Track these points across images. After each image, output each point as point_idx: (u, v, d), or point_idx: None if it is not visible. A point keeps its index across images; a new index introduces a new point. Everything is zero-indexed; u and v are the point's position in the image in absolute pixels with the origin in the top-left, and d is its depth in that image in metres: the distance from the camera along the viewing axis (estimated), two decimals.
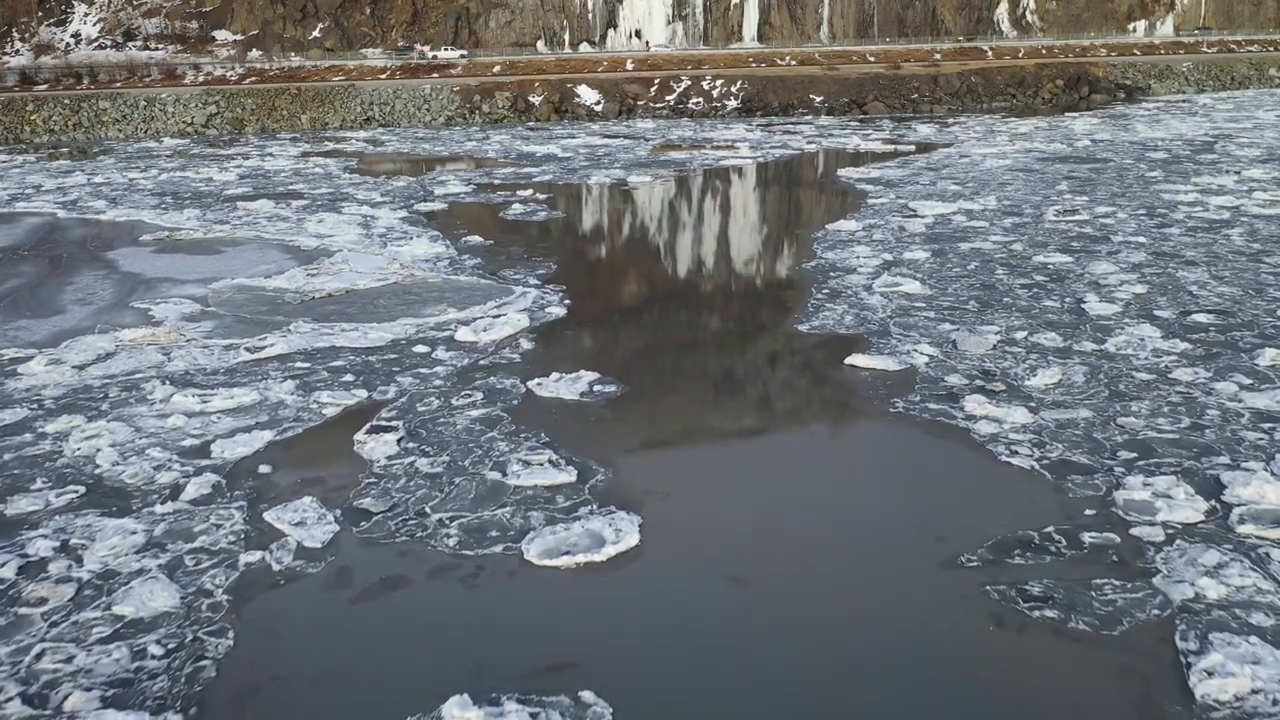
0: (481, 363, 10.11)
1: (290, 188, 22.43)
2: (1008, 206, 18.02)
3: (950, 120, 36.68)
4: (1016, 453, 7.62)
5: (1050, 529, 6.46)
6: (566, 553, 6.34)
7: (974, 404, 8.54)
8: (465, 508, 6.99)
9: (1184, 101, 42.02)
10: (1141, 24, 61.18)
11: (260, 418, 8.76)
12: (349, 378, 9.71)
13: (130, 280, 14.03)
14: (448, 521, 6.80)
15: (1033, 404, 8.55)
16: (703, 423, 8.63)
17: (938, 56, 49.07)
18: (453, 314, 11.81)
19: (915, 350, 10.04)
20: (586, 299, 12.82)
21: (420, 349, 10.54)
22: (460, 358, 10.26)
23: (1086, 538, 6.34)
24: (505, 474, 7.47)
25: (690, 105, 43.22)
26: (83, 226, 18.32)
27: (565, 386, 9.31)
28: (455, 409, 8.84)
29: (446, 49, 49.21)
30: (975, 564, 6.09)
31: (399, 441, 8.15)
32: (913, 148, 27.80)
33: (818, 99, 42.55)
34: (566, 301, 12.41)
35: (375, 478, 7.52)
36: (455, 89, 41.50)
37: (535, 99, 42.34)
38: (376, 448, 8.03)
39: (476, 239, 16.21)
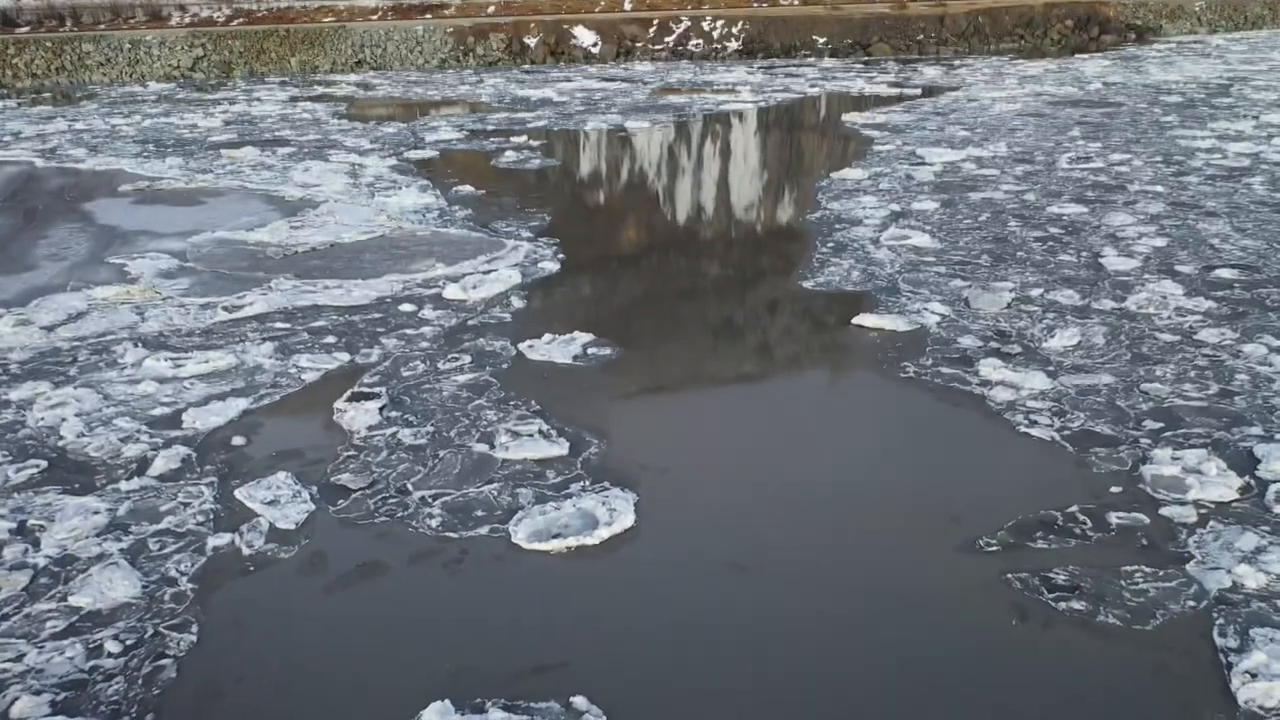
0: (470, 323, 9.63)
1: (277, 134, 21.72)
2: (1019, 153, 17.39)
3: (957, 62, 35.70)
4: (1035, 423, 7.17)
5: (1074, 509, 6.03)
6: (557, 535, 5.92)
7: (989, 368, 8.07)
8: (449, 484, 6.56)
9: (1196, 43, 40.91)
10: None
11: (236, 384, 8.30)
12: (330, 339, 9.23)
13: (107, 234, 13.47)
14: (430, 500, 6.37)
15: (1051, 368, 8.09)
16: (702, 389, 8.17)
17: None
18: (441, 270, 11.29)
19: (926, 309, 9.55)
20: (581, 253, 12.28)
21: (406, 308, 10.05)
22: (448, 317, 9.78)
23: (1113, 519, 5.92)
24: (493, 446, 7.03)
25: (690, 47, 42.12)
26: (60, 176, 17.68)
27: (558, 349, 8.83)
28: (441, 374, 8.37)
29: None
30: (995, 548, 5.67)
31: (381, 410, 7.70)
32: (919, 91, 26.98)
33: (821, 40, 41.45)
34: (560, 256, 11.89)
35: (355, 450, 7.08)
36: (449, 30, 40.38)
37: (530, 41, 41.24)
38: (357, 417, 7.58)
39: (468, 188, 15.61)
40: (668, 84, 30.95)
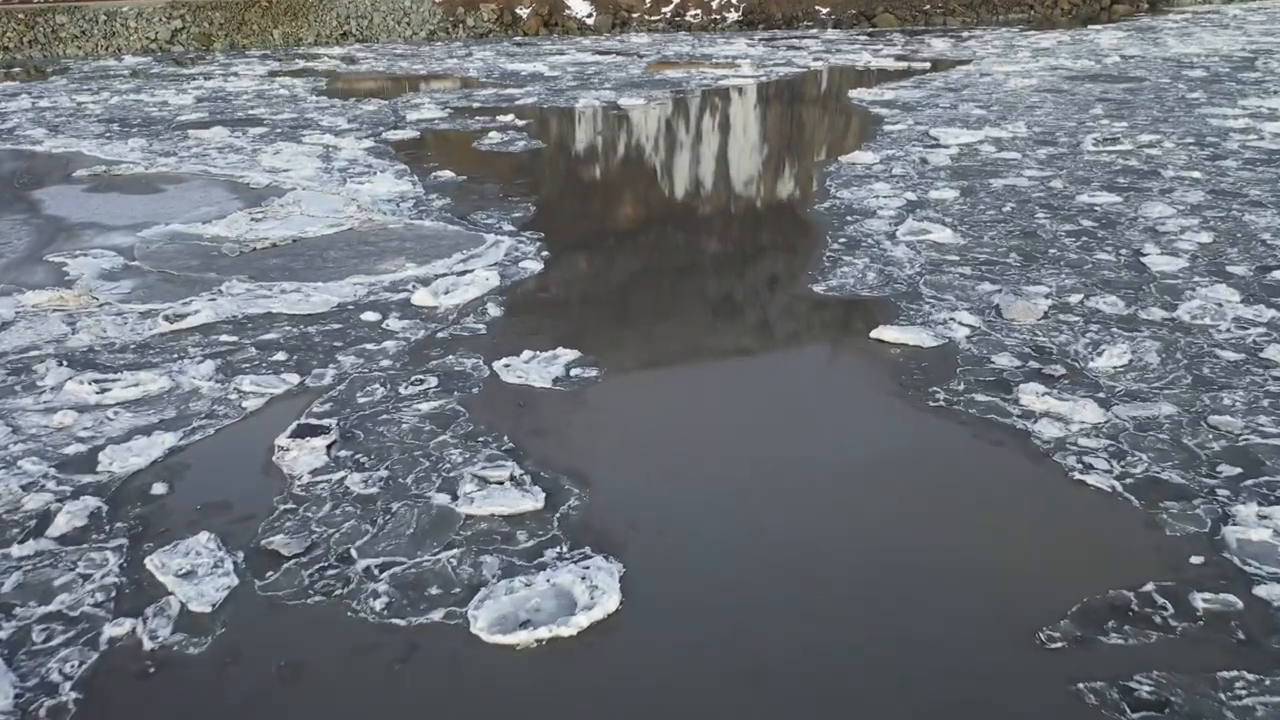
0: (440, 335, 8.55)
1: (250, 112, 20.52)
2: (1040, 134, 16.24)
3: (965, 33, 34.38)
4: (1091, 467, 6.12)
5: (1149, 587, 4.99)
6: (525, 623, 4.87)
7: (1031, 395, 7.01)
8: (401, 549, 5.52)
9: (1212, 13, 39.56)
10: None
11: (166, 413, 7.24)
12: (281, 356, 8.16)
13: (51, 226, 12.35)
14: (377, 571, 5.33)
15: (1102, 395, 7.03)
16: (701, 423, 7.08)
17: None
18: (411, 270, 10.19)
19: (952, 319, 8.49)
20: (567, 251, 11.18)
21: (369, 316, 8.97)
22: (415, 329, 8.70)
23: (1199, 602, 4.88)
24: (455, 497, 5.98)
25: (688, 18, 40.72)
26: (13, 160, 16.51)
27: (537, 369, 7.76)
28: (403, 401, 7.31)
29: None
30: (1059, 643, 4.63)
31: (329, 448, 6.64)
32: (928, 65, 25.75)
33: (823, 10, 40.06)
34: (544, 253, 10.78)
35: (294, 502, 6.03)
36: (437, 1, 38.96)
37: (523, 11, 39.83)
38: (300, 458, 6.53)
39: (448, 174, 14.47)
40: (664, 57, 29.67)
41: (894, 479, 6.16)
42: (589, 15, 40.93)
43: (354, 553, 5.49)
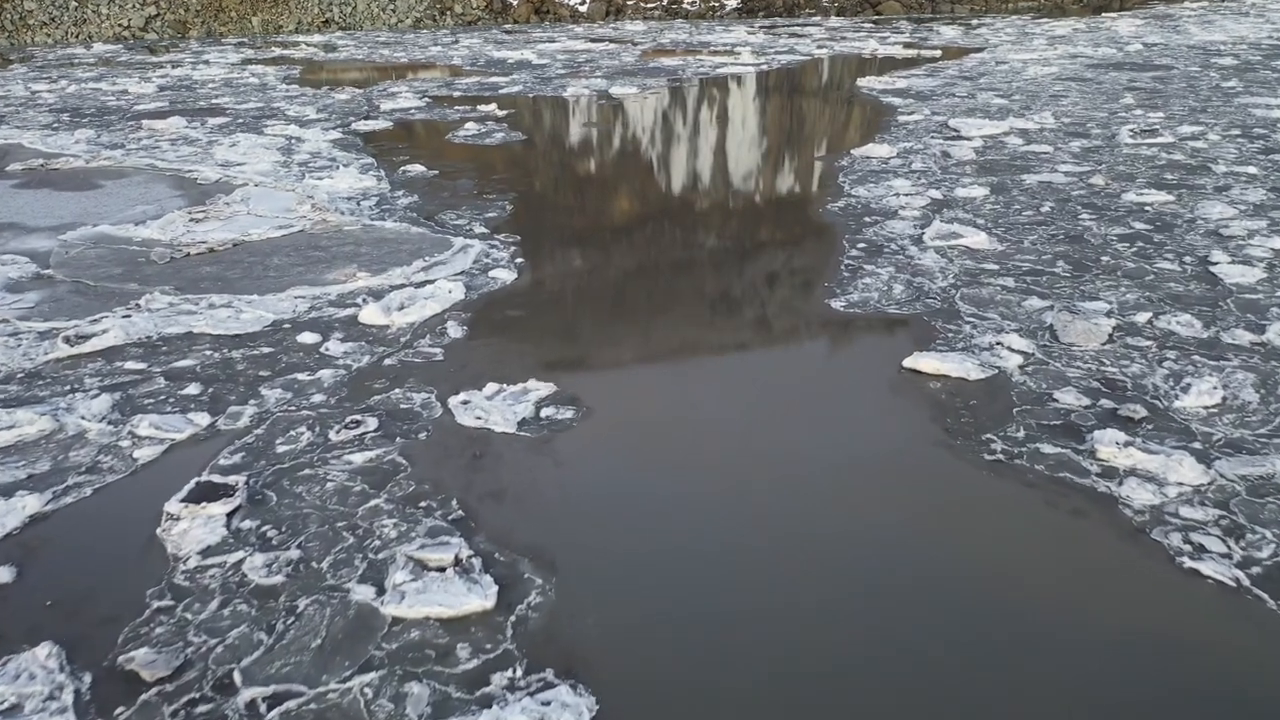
0: (387, 362, 7.16)
1: (213, 101, 19.09)
2: (1069, 125, 14.86)
3: (975, 21, 32.96)
4: (1203, 550, 4.74)
5: None
6: None
7: (1110, 446, 5.63)
8: (302, 671, 4.13)
9: (1230, 1, 38.14)
10: None
11: (38, 465, 5.84)
12: (193, 389, 6.76)
13: None
14: (264, 707, 3.94)
15: (1198, 445, 5.66)
16: (702, 486, 5.67)
17: None
18: (363, 280, 8.80)
19: (999, 343, 7.10)
20: (544, 258, 9.79)
21: (307, 338, 7.58)
22: (359, 353, 7.31)
23: None
24: (382, 591, 4.60)
25: (685, 4, 39.26)
26: None
27: (501, 408, 6.37)
28: (332, 450, 5.91)
29: None
30: None
31: (231, 516, 5.25)
32: (939, 53, 24.34)
33: None
34: (518, 260, 9.39)
35: (173, 596, 4.64)
36: None
37: None
38: (191, 530, 5.14)
39: (418, 168, 13.07)
40: (660, 45, 28.23)
41: (945, 567, 4.76)
42: (582, 2, 39.46)
43: (238, 676, 4.11)
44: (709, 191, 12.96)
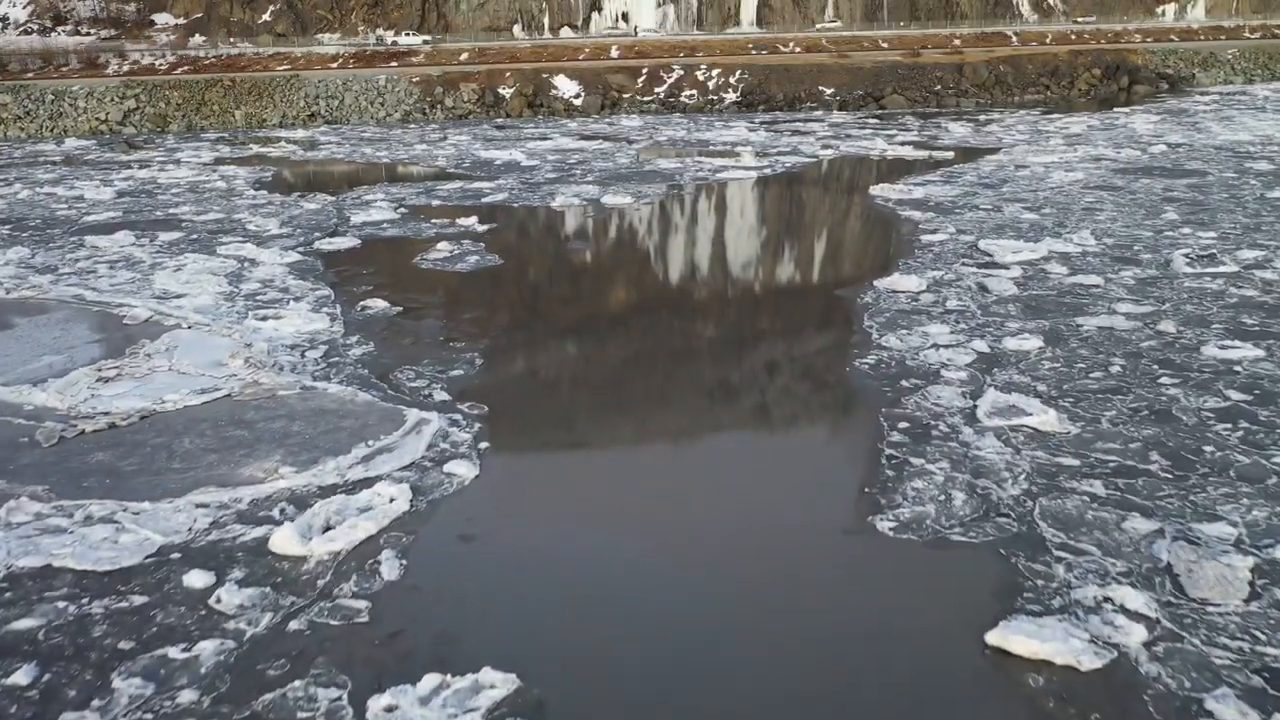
0: (293, 625, 5.34)
1: (171, 211, 17.61)
2: (1114, 248, 13.30)
3: (982, 116, 31.96)
4: None
5: None
6: None
7: None
8: None
9: (1239, 94, 37.34)
10: (1171, 7, 56.40)
11: None
12: (20, 677, 4.93)
13: None
14: None
15: None
16: None
17: (957, 43, 44.39)
18: (284, 480, 7.02)
19: (1108, 600, 5.32)
20: (518, 439, 8.04)
21: (195, 580, 5.78)
22: (260, 608, 5.50)
23: None
24: None
25: (683, 98, 38.40)
26: None
27: (440, 718, 4.55)
28: None
29: (409, 34, 44.21)
30: None
31: None
32: (951, 154, 23.07)
33: (828, 91, 37.75)
34: (483, 445, 7.59)
35: None
36: (414, 80, 36.62)
37: (506, 91, 37.48)
38: None
39: (379, 304, 11.42)
40: (656, 143, 27.02)
41: None
42: (577, 95, 38.59)
43: None
44: (714, 345, 10.50)
